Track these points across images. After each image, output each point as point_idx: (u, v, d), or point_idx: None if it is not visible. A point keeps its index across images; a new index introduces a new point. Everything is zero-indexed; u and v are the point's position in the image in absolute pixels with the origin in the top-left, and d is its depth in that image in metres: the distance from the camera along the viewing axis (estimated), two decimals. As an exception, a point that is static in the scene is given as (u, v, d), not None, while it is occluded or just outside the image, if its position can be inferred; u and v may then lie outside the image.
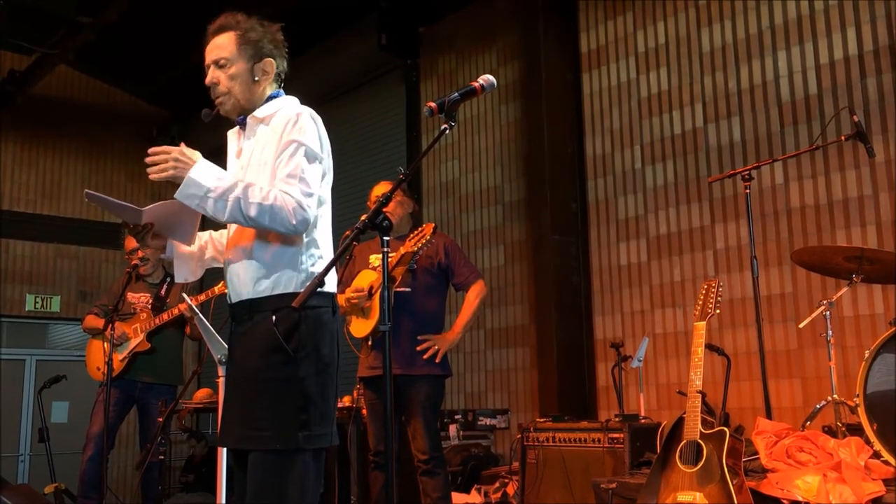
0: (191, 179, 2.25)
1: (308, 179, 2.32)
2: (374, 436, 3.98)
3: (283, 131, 2.37)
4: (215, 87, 2.47)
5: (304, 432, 2.27)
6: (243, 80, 2.46)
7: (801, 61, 5.11)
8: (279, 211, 2.25)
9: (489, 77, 2.40)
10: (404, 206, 4.19)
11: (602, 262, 6.06)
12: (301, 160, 2.33)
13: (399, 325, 3.89)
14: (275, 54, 2.52)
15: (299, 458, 2.27)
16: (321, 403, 2.31)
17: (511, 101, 6.79)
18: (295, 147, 2.34)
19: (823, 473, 3.01)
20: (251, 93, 2.48)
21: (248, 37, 2.47)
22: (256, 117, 2.48)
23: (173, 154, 2.28)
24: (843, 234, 4.81)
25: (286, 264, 2.36)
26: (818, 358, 4.77)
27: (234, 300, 2.46)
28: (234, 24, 2.48)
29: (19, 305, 9.08)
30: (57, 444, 6.82)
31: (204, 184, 2.26)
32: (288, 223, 2.26)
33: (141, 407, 5.11)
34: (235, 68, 2.45)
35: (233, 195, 2.25)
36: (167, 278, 5.25)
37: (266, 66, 2.50)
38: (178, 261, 2.61)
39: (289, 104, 2.50)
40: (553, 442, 4.38)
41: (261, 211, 2.24)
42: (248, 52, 2.46)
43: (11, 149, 9.14)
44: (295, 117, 2.38)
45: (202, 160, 2.30)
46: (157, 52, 8.47)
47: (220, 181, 2.27)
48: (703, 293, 3.31)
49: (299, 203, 2.27)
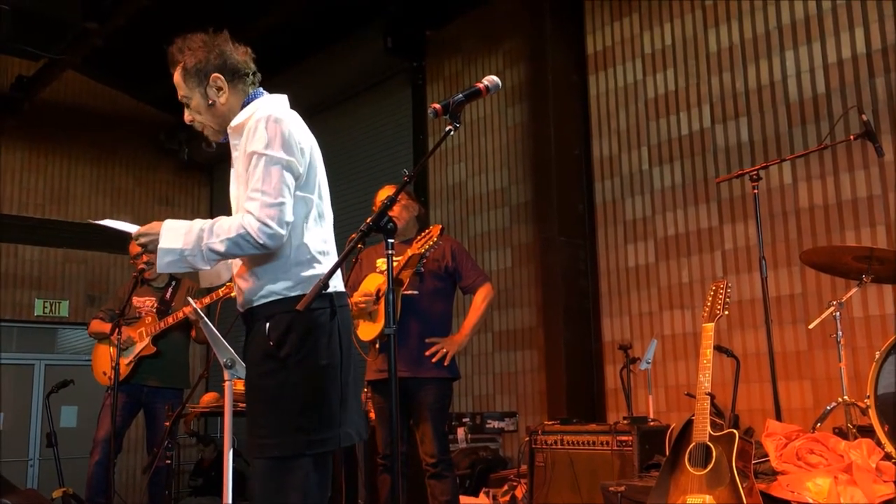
0: (163, 250, 2.31)
1: (270, 190, 2.26)
2: (383, 439, 3.96)
3: (245, 143, 2.36)
4: (192, 123, 2.53)
5: (305, 437, 2.26)
6: (203, 108, 2.47)
7: (809, 61, 5.09)
8: (243, 238, 2.24)
9: (494, 78, 2.38)
10: (409, 209, 4.17)
11: (609, 264, 6.04)
12: (261, 171, 2.28)
13: (406, 328, 3.87)
14: (221, 63, 2.45)
15: (299, 464, 2.26)
16: (321, 407, 2.30)
17: (517, 104, 6.78)
18: (256, 159, 2.30)
19: (834, 476, 2.99)
20: (217, 115, 2.47)
21: (188, 67, 2.46)
22: (233, 127, 2.46)
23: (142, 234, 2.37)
24: (853, 234, 4.78)
25: (276, 271, 2.36)
26: (828, 359, 4.74)
27: (240, 308, 2.49)
28: (179, 57, 2.49)
29: (28, 310, 9.11)
30: (66, 448, 6.84)
31: (175, 246, 2.30)
32: (256, 244, 2.25)
33: (148, 411, 5.11)
34: (195, 102, 2.48)
35: (203, 244, 2.27)
36: (172, 282, 5.26)
37: (216, 83, 2.45)
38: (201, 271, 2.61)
39: (261, 107, 2.42)
40: (561, 445, 4.36)
41: (229, 246, 2.26)
42: (195, 81, 2.46)
43: (20, 154, 9.18)
44: (254, 126, 2.34)
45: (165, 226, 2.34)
46: (164, 56, 8.47)
47: (187, 235, 2.30)
48: (712, 294, 3.29)
49: (262, 221, 2.23)
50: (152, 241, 2.33)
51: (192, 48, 2.47)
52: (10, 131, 9.02)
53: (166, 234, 2.31)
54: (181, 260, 2.30)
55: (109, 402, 4.78)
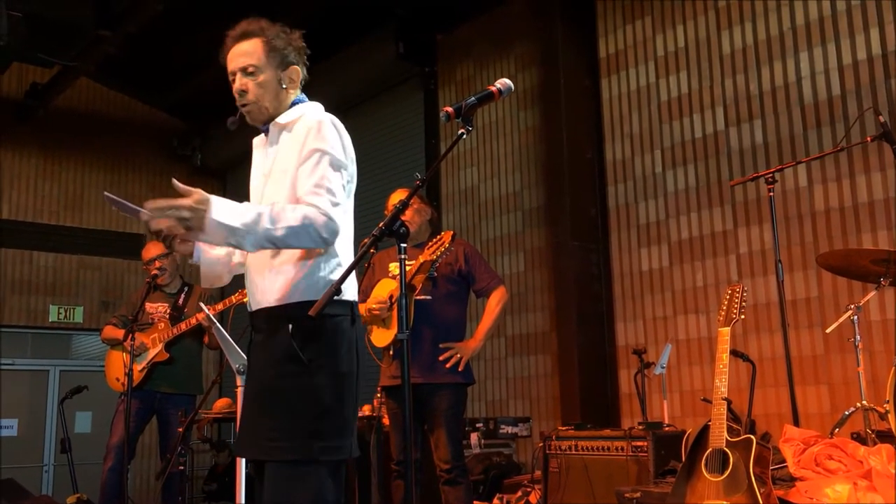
0: (214, 222, 2.14)
1: (334, 190, 2.28)
2: (397, 445, 3.95)
3: (304, 139, 2.33)
4: (244, 94, 2.42)
5: (320, 443, 2.22)
6: (272, 88, 2.43)
7: (824, 62, 5.05)
8: (305, 229, 2.19)
9: (506, 81, 2.37)
10: (421, 213, 4.16)
11: (623, 268, 6.01)
12: (326, 170, 2.29)
13: (420, 333, 3.85)
14: (298, 62, 2.50)
15: (315, 470, 2.22)
16: (338, 414, 2.27)
17: (530, 107, 6.76)
18: (319, 156, 2.30)
19: (854, 482, 2.95)
20: (278, 101, 2.45)
21: (275, 44, 2.43)
22: (279, 123, 2.45)
23: (184, 208, 2.15)
24: (869, 237, 4.73)
25: (305, 272, 2.32)
26: (844, 363, 4.69)
27: (254, 308, 2.43)
28: (260, 31, 2.44)
29: (43, 316, 9.15)
30: (80, 454, 6.85)
31: (229, 223, 2.15)
32: (318, 238, 2.22)
33: (161, 417, 5.11)
34: (264, 76, 2.41)
35: (261, 226, 2.17)
36: (185, 288, 5.27)
37: (292, 74, 2.48)
38: (205, 266, 2.56)
39: (311, 110, 2.47)
40: (576, 450, 4.33)
41: (287, 234, 2.19)
42: (276, 61, 2.43)
43: (34, 161, 9.24)
44: (317, 125, 2.34)
45: (215, 201, 2.17)
46: (176, 63, 8.54)
47: (241, 216, 2.17)
48: (728, 298, 3.25)
49: (328, 215, 2.22)
50: (198, 217, 2.14)
51: (278, 34, 2.46)
52: (25, 138, 9.09)
53: (218, 208, 2.15)
54: (231, 236, 2.16)
55: (122, 408, 4.79)
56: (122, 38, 7.25)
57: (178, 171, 10.11)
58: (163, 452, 5.12)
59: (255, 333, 2.45)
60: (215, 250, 2.54)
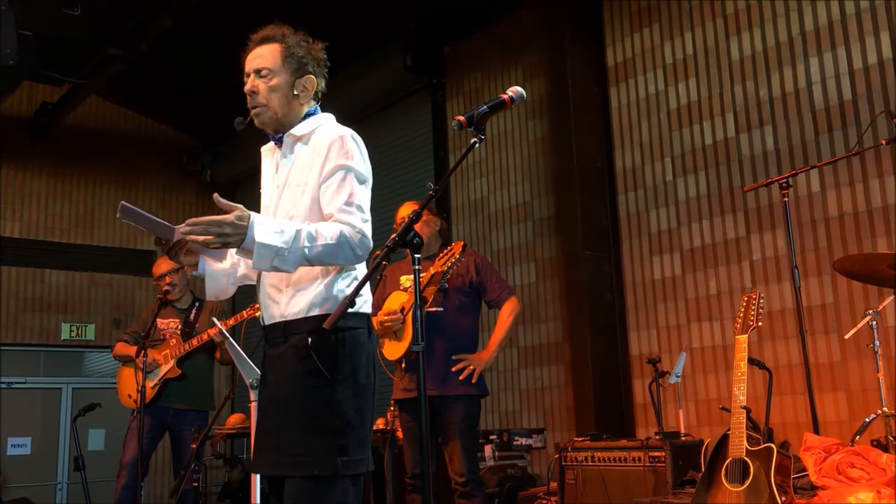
0: (260, 245, 2.13)
1: (364, 206, 2.31)
2: (411, 458, 3.92)
3: (327, 154, 2.33)
4: (254, 96, 2.42)
5: (343, 458, 2.21)
6: (283, 93, 2.42)
7: (834, 67, 5.02)
8: (342, 246, 2.22)
9: (518, 89, 2.36)
10: (430, 224, 4.14)
11: (636, 277, 5.97)
12: (354, 186, 2.30)
13: (432, 345, 3.83)
14: (316, 72, 2.50)
15: (338, 485, 2.21)
16: (359, 428, 2.26)
17: (538, 117, 6.75)
18: (345, 173, 2.31)
19: (877, 489, 2.90)
20: (289, 107, 2.44)
21: (293, 51, 2.44)
22: (294, 135, 2.44)
23: (226, 224, 2.16)
24: (885, 241, 4.68)
25: (322, 286, 2.32)
26: (862, 370, 4.63)
27: (268, 322, 2.41)
28: (280, 37, 2.45)
29: (55, 334, 9.17)
30: (94, 471, 6.83)
31: (272, 244, 2.15)
32: (352, 255, 2.25)
33: (174, 434, 5.09)
34: (277, 80, 2.41)
35: (301, 245, 2.18)
36: (196, 303, 5.26)
37: (307, 83, 2.47)
38: (209, 279, 2.53)
39: (327, 123, 2.47)
40: (592, 461, 4.29)
41: (324, 251, 2.20)
42: (292, 67, 2.43)
43: (45, 179, 9.28)
44: (339, 140, 2.34)
45: (256, 220, 2.17)
46: (186, 80, 8.57)
47: (282, 235, 2.17)
48: (744, 306, 3.22)
49: (362, 232, 2.26)
50: (238, 234, 2.14)
51: (299, 42, 2.47)
52: (35, 157, 9.13)
53: (260, 228, 2.15)
54: (275, 257, 2.16)
55: (135, 425, 4.77)
56: (132, 55, 7.29)
57: (187, 186, 10.16)
58: (176, 469, 5.10)
59: (269, 347, 2.43)
60: (220, 263, 2.52)
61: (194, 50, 7.67)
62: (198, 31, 7.25)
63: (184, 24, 6.83)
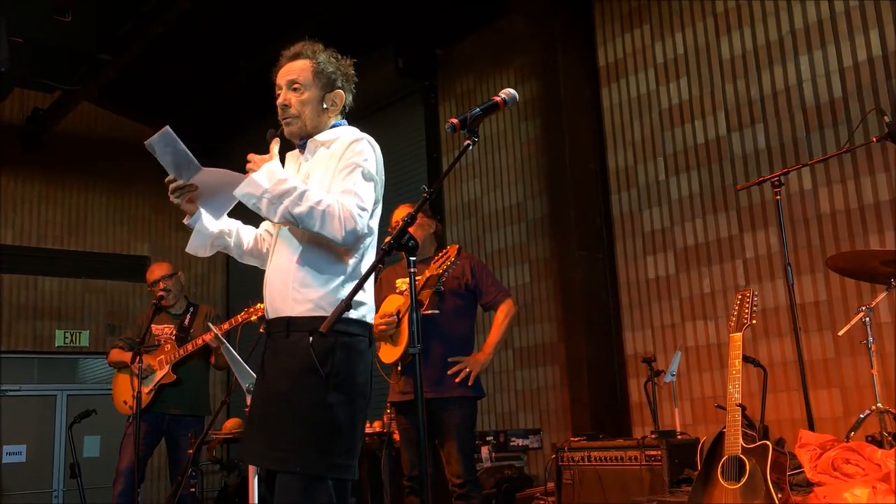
0: (251, 179, 2.36)
1: (362, 195, 2.37)
2: (408, 461, 3.92)
3: (342, 154, 2.43)
4: (286, 108, 2.54)
5: (329, 460, 2.24)
6: (314, 106, 2.54)
7: (825, 65, 5.04)
8: (329, 216, 2.28)
9: (510, 91, 2.37)
10: (425, 227, 4.15)
11: (630, 277, 5.99)
12: (357, 178, 2.39)
13: (429, 348, 3.83)
14: (345, 88, 2.63)
15: (323, 487, 2.23)
16: (349, 435, 2.28)
17: (531, 118, 6.76)
18: (352, 167, 2.40)
19: (872, 485, 2.92)
20: (318, 120, 2.56)
21: (324, 67, 2.56)
22: (317, 140, 2.54)
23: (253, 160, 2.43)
24: (876, 238, 4.71)
25: (329, 287, 2.36)
26: (856, 366, 4.66)
27: (272, 315, 2.45)
28: (312, 54, 2.58)
29: (49, 341, 9.13)
30: (90, 478, 6.82)
31: (262, 184, 2.33)
32: (335, 228, 2.29)
33: (170, 439, 5.09)
34: (308, 94, 2.53)
35: (288, 198, 2.30)
36: (190, 308, 5.25)
37: (336, 98, 2.59)
38: (197, 233, 2.63)
39: (349, 131, 2.56)
40: (588, 461, 4.29)
41: (311, 213, 2.28)
42: (322, 82, 2.56)
43: (38, 186, 9.24)
44: (355, 143, 2.45)
45: (271, 163, 2.38)
46: (179, 86, 8.54)
47: (279, 184, 2.32)
48: (738, 304, 3.23)
49: (351, 213, 2.30)
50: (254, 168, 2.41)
51: (329, 58, 2.59)
52: (28, 164, 9.10)
53: (264, 169, 2.37)
54: (258, 198, 2.34)
55: (131, 431, 4.76)
56: (124, 62, 7.27)
57: (181, 192, 10.12)
58: (172, 475, 5.09)
59: (269, 340, 2.46)
60: (212, 225, 2.62)
61: (186, 56, 7.65)
62: (189, 37, 7.24)
63: (175, 30, 6.82)
